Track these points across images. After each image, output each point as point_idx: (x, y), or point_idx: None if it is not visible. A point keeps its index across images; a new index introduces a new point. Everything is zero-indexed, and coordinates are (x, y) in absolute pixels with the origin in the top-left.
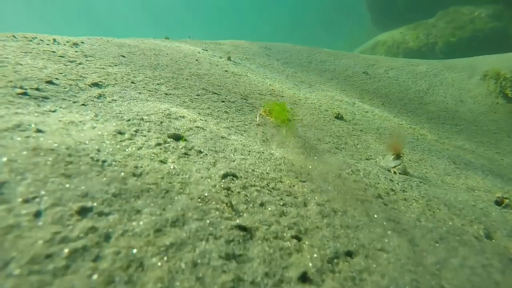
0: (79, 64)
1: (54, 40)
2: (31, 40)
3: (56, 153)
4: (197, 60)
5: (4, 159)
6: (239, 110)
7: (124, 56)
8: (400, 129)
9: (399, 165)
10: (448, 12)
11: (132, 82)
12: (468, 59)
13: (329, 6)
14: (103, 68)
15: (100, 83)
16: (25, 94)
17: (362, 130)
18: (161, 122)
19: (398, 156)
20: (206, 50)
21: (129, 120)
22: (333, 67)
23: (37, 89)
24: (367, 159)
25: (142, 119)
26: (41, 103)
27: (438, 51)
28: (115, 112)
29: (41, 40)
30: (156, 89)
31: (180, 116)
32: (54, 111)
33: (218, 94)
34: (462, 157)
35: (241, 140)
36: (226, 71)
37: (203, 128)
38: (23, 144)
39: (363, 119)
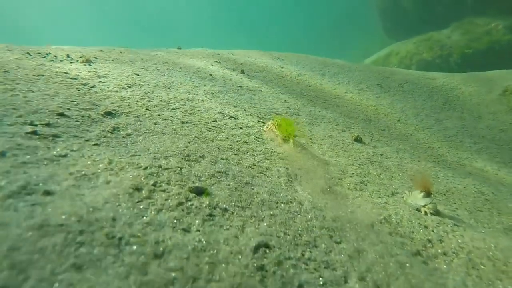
0: (92, 87)
1: (68, 56)
2: (45, 57)
3: (66, 231)
4: (211, 75)
5: (5, 248)
6: (258, 138)
7: (138, 75)
8: (419, 148)
9: (430, 203)
10: (463, 23)
11: (147, 109)
12: (486, 73)
13: (341, 13)
14: (117, 91)
15: (113, 112)
16: (35, 133)
17: (383, 154)
18: (181, 169)
19: (427, 194)
20: (219, 62)
21: (146, 168)
22: (347, 79)
23: (47, 124)
24: (393, 194)
25: (161, 167)
26: (51, 144)
27: (453, 63)
28: (130, 154)
29: (54, 56)
30: (171, 116)
31: (200, 157)
32: (64, 156)
33: (235, 118)
34: (488, 184)
35: (266, 186)
36: (240, 86)
37: (225, 173)
38: (29, 219)
39: (381, 139)
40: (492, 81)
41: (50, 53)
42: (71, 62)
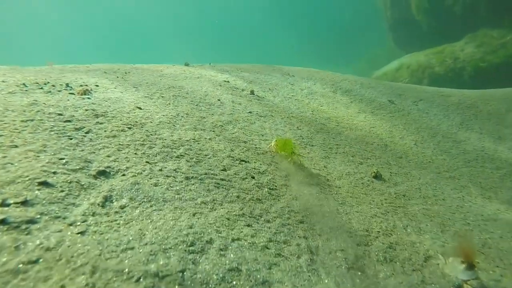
0: (87, 133)
1: (67, 85)
2: (42, 88)
3: None
4: (219, 100)
5: None
6: (271, 190)
7: (140, 108)
8: (440, 179)
9: (473, 279)
10: (477, 35)
11: (148, 162)
12: (504, 90)
13: (347, 22)
14: (115, 136)
15: (108, 170)
16: (3, 222)
17: (406, 195)
18: (183, 273)
19: (470, 266)
20: (228, 82)
21: (138, 280)
22: (359, 97)
23: (23, 203)
24: (427, 260)
25: (157, 275)
26: (22, 239)
27: (466, 77)
28: (121, 248)
29: (52, 86)
30: (175, 170)
31: (207, 242)
32: (35, 262)
33: (246, 162)
34: None
35: (287, 282)
36: (250, 112)
37: (237, 270)
38: None
39: (400, 172)
40: (511, 98)
41: (48, 83)
42: (70, 93)
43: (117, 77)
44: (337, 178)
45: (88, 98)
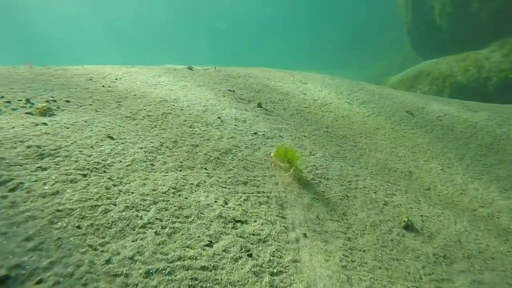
0: (10, 192)
1: (28, 100)
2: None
3: None
4: (219, 118)
5: None
6: (277, 274)
7: (112, 138)
8: (478, 221)
9: None
10: (505, 43)
11: (90, 246)
12: None
13: (362, 26)
14: (54, 195)
15: (13, 275)
16: None
17: (446, 255)
18: None
19: None
20: (233, 91)
21: None
22: (377, 109)
23: None
24: None
25: None
26: None
27: (491, 88)
28: None
29: (7, 102)
30: (131, 259)
31: None
32: None
33: (242, 223)
34: None
35: None
36: (255, 133)
37: None
38: None
39: (432, 213)
40: None
41: (3, 97)
42: (26, 113)
43: (103, 86)
44: (359, 234)
45: (44, 124)
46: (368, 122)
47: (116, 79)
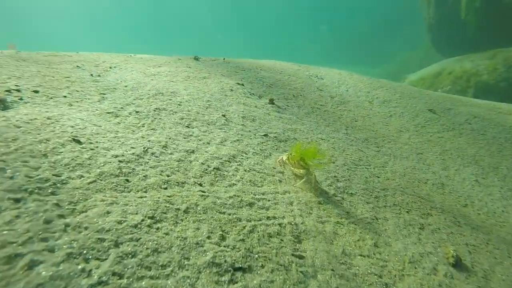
0: None
1: None
2: None
3: None
4: (224, 115)
5: None
6: None
7: (79, 142)
8: None
9: None
10: None
11: None
12: None
13: (379, 20)
14: None
15: None
16: None
17: None
18: None
19: None
20: (242, 85)
21: None
22: (400, 110)
23: None
24: None
25: None
26: None
27: None
28: None
29: None
30: None
31: None
32: None
33: (245, 271)
34: None
35: None
36: (265, 135)
37: None
38: None
39: (478, 241)
40: None
41: None
42: None
43: (91, 75)
44: (398, 277)
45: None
46: (390, 123)
47: (110, 67)
